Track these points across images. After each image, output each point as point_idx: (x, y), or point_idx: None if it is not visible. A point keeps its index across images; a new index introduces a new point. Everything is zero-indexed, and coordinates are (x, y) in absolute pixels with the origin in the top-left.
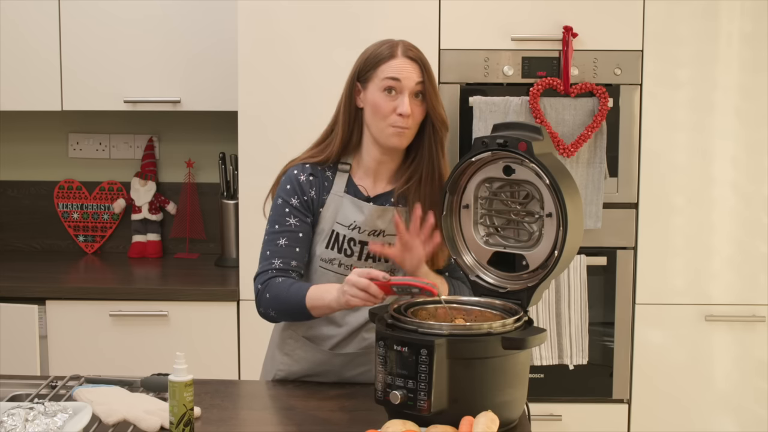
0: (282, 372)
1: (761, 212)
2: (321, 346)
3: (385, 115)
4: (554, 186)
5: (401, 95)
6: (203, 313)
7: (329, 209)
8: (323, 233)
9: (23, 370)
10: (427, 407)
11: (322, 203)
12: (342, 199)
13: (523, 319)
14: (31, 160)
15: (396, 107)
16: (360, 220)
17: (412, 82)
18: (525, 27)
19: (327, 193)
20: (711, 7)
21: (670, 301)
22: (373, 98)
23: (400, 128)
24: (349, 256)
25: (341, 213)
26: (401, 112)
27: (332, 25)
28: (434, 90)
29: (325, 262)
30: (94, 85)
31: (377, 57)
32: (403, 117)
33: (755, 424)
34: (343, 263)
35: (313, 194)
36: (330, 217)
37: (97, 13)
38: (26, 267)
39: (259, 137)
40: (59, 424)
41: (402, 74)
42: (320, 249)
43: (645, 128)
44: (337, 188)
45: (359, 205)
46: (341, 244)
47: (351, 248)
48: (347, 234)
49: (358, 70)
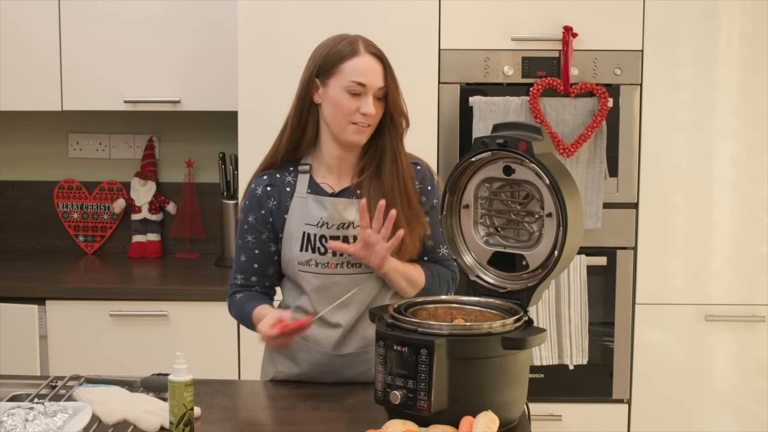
0: (282, 374)
1: (761, 212)
2: (320, 347)
3: (347, 114)
4: (554, 186)
5: (365, 96)
6: (203, 313)
7: (295, 213)
8: (294, 237)
9: (23, 370)
10: (427, 407)
11: (285, 209)
12: (306, 200)
13: (523, 319)
14: (31, 160)
15: (359, 107)
16: (325, 216)
17: (377, 85)
18: (525, 27)
19: (290, 198)
20: (711, 7)
21: (670, 301)
22: (335, 96)
23: (361, 126)
24: (323, 254)
25: (307, 213)
26: (365, 112)
27: (332, 25)
28: (395, 86)
29: (302, 264)
30: (94, 85)
31: (339, 54)
32: (366, 116)
33: (755, 424)
34: (319, 262)
35: (272, 204)
36: (298, 219)
37: (97, 13)
38: (26, 267)
39: (259, 137)
40: (59, 424)
41: (368, 79)
42: (295, 253)
43: (645, 128)
44: (300, 190)
45: (321, 201)
46: (314, 243)
47: (323, 246)
48: (317, 232)
49: (317, 66)
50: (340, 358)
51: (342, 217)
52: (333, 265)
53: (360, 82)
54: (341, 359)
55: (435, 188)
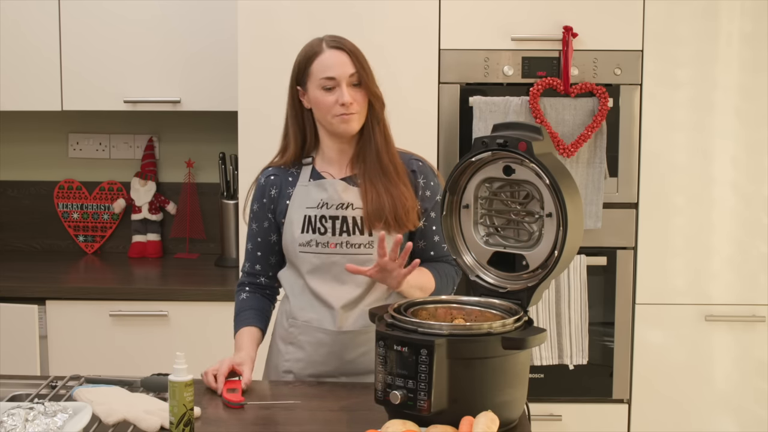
0: (288, 362)
1: (761, 212)
2: (320, 326)
3: (328, 108)
4: (554, 186)
5: (339, 88)
6: (203, 313)
7: (296, 199)
8: (296, 222)
9: (23, 370)
10: (427, 407)
11: (288, 196)
12: (308, 187)
13: (523, 319)
14: (31, 160)
15: (337, 99)
16: (325, 197)
17: (346, 74)
18: (525, 27)
19: (293, 187)
20: (711, 7)
21: (670, 301)
22: (314, 97)
23: (345, 115)
24: (323, 234)
25: (309, 198)
26: (342, 101)
27: (332, 25)
28: (367, 73)
29: (303, 246)
30: (94, 85)
31: (306, 58)
32: (346, 105)
33: (755, 424)
34: (319, 242)
35: (274, 192)
36: (299, 205)
37: (97, 12)
38: (26, 267)
39: (259, 137)
40: (59, 424)
41: (335, 71)
42: (297, 235)
43: (645, 128)
44: (302, 179)
45: (322, 184)
46: (314, 224)
47: (324, 226)
48: (317, 213)
49: (295, 75)
50: (341, 336)
51: (340, 197)
52: (333, 245)
53: (328, 76)
54: (342, 337)
55: (438, 184)
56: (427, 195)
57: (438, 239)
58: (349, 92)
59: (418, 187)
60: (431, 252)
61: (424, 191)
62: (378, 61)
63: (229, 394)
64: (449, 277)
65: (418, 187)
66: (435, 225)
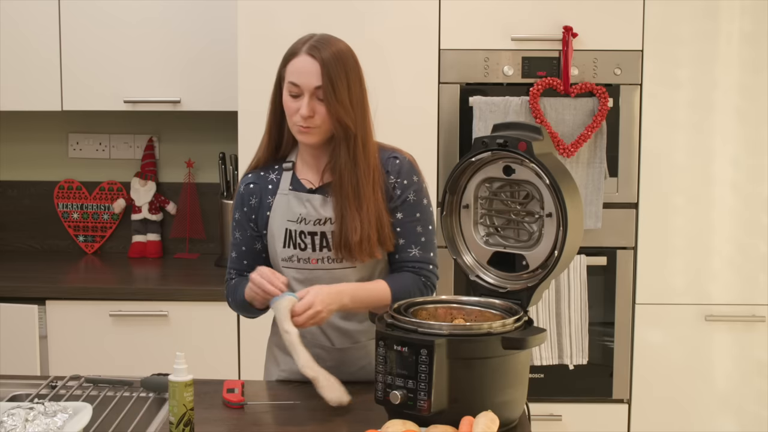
0: (285, 373)
1: (761, 212)
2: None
3: (290, 115)
4: (554, 186)
5: (302, 97)
6: (203, 313)
7: (277, 210)
8: (277, 234)
9: (23, 370)
10: (427, 407)
11: (267, 207)
12: (288, 197)
13: (523, 319)
14: (31, 160)
15: (299, 108)
16: (304, 212)
17: (311, 86)
18: (525, 27)
19: (273, 196)
20: (711, 7)
21: (670, 301)
22: (284, 98)
23: (303, 127)
24: (303, 250)
25: (289, 210)
26: (300, 114)
27: (332, 25)
28: (335, 91)
29: (285, 261)
30: (94, 85)
31: (287, 54)
32: (304, 118)
33: (755, 424)
34: (300, 258)
35: (254, 202)
36: (280, 216)
37: (97, 13)
38: (26, 267)
39: (259, 137)
40: (59, 424)
41: (300, 78)
42: (279, 250)
43: (645, 128)
44: (282, 187)
45: (301, 198)
46: (295, 240)
47: (303, 242)
48: (297, 228)
49: (279, 71)
50: (339, 353)
51: (318, 213)
52: (314, 261)
53: (293, 82)
54: (339, 354)
55: (413, 183)
56: (396, 194)
57: (403, 242)
58: (312, 104)
59: (388, 188)
60: (395, 255)
61: (394, 190)
62: (378, 60)
63: (229, 395)
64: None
65: (389, 187)
66: (400, 227)
